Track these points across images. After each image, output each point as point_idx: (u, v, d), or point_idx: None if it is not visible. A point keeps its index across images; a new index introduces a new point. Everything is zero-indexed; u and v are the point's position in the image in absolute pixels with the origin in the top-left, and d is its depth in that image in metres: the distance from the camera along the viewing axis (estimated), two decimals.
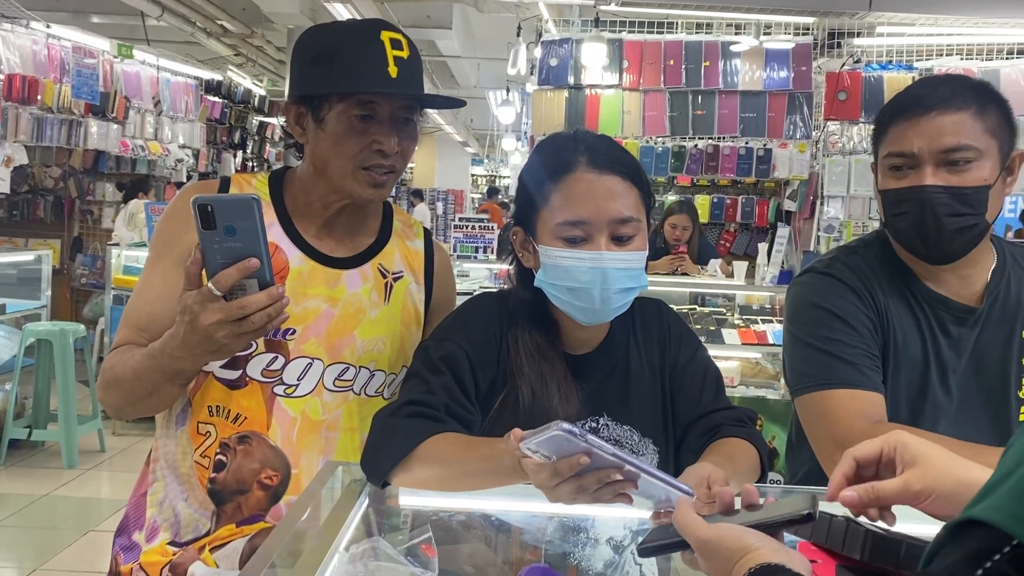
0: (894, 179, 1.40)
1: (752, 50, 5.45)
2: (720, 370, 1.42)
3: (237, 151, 11.59)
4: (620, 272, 1.25)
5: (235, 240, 1.16)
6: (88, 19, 8.48)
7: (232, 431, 1.42)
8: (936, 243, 1.38)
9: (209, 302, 1.18)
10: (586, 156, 1.27)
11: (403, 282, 1.54)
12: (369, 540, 1.08)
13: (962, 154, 1.34)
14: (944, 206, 1.35)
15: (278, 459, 1.42)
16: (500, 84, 10.43)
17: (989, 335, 1.44)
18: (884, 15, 5.17)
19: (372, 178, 1.38)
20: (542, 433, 0.92)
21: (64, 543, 4.07)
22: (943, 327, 1.44)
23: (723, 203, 6.43)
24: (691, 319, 4.33)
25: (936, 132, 1.35)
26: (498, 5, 7.04)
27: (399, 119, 1.39)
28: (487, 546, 1.34)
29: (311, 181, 1.45)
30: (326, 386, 1.45)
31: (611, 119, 5.53)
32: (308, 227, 1.46)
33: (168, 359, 1.27)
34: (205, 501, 1.42)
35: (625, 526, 1.34)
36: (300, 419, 1.43)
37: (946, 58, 5.53)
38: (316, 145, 1.40)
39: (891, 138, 1.41)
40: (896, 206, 1.40)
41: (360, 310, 1.47)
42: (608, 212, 1.24)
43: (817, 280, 1.49)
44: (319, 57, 1.38)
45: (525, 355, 1.31)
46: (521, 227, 1.34)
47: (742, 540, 0.78)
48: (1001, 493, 0.46)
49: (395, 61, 1.35)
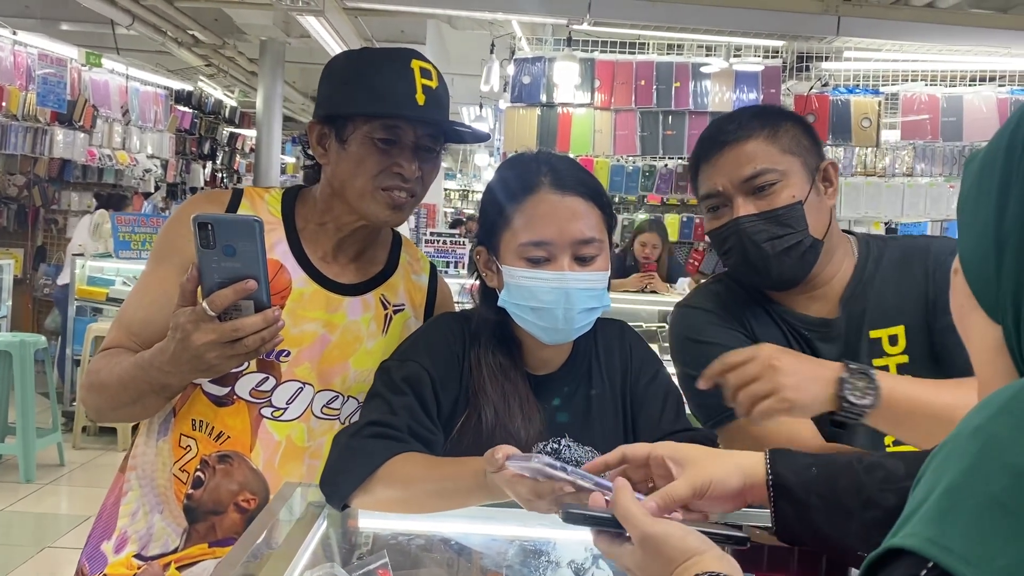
0: (714, 220, 1.41)
1: (722, 72, 5.51)
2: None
3: (207, 162, 11.50)
4: (583, 292, 1.25)
5: (234, 260, 1.14)
6: (57, 26, 8.38)
7: (214, 448, 1.39)
8: (766, 269, 1.37)
9: (203, 321, 1.16)
10: (549, 177, 1.28)
11: (403, 315, 1.52)
12: (324, 566, 1.06)
13: (763, 178, 1.34)
14: (761, 232, 1.35)
15: (258, 482, 1.40)
16: (473, 100, 10.44)
17: (850, 344, 1.41)
18: (851, 40, 5.26)
19: (391, 199, 1.37)
20: (523, 461, 0.95)
21: (20, 559, 3.97)
22: (809, 344, 1.42)
23: (692, 222, 6.48)
24: (660, 337, 4.35)
25: (733, 165, 1.36)
26: (472, 22, 7.06)
27: (422, 147, 1.39)
28: (447, 570, 1.33)
29: (327, 202, 1.44)
30: (314, 412, 1.43)
31: (582, 137, 5.56)
32: (316, 249, 1.45)
33: (156, 372, 1.25)
34: (179, 516, 1.39)
35: (587, 548, 1.33)
36: (284, 443, 1.41)
37: (911, 83, 5.63)
38: (337, 166, 1.39)
39: (700, 183, 1.43)
40: (722, 244, 1.41)
41: (357, 339, 1.46)
42: (571, 233, 1.25)
43: (685, 314, 1.50)
44: (349, 79, 1.39)
45: (488, 375, 1.31)
46: (485, 247, 1.34)
47: (686, 542, 0.78)
48: (916, 521, 0.49)
49: (423, 89, 1.36)
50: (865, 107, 5.45)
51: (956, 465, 0.49)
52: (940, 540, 0.47)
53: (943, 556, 0.46)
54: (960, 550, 0.45)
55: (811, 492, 0.87)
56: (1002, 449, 0.48)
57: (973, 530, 0.46)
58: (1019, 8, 5.47)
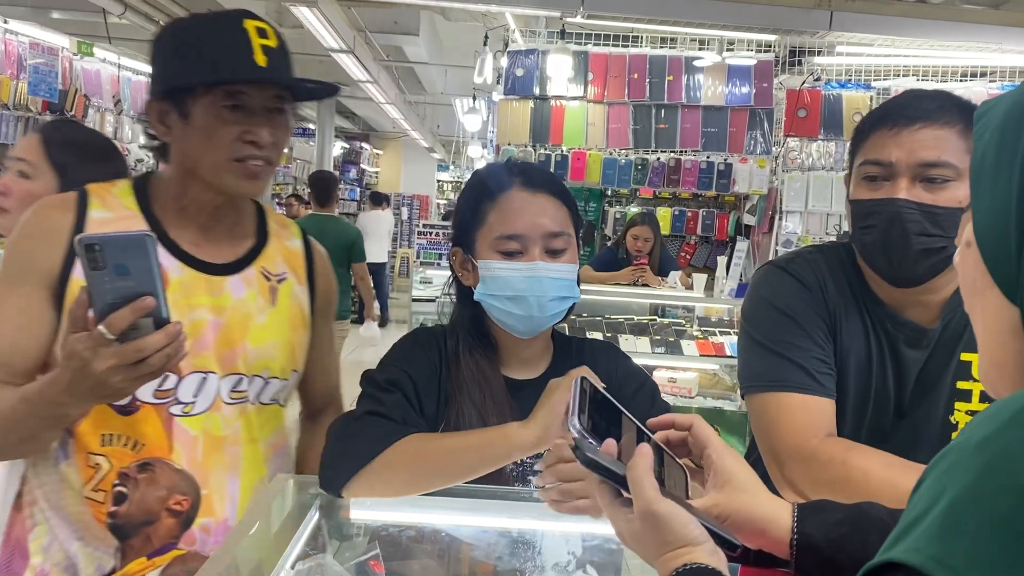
0: (866, 189, 1.34)
1: (715, 66, 5.52)
2: (678, 384, 1.45)
3: None
4: (554, 281, 1.32)
5: (127, 279, 1.08)
6: (48, 15, 8.33)
7: (131, 459, 1.32)
8: (900, 262, 1.31)
9: (101, 346, 1.09)
10: (520, 178, 1.36)
11: (287, 284, 1.48)
12: (316, 557, 1.07)
13: (940, 171, 1.28)
14: (914, 223, 1.28)
15: (186, 482, 1.35)
16: (467, 92, 10.42)
17: (937, 358, 1.38)
18: (844, 35, 5.27)
19: (247, 169, 1.32)
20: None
21: None
22: (893, 346, 1.39)
23: (684, 216, 6.50)
24: (651, 330, 4.37)
25: (917, 145, 1.28)
26: (465, 14, 7.04)
27: (270, 109, 1.33)
28: (438, 561, 1.34)
29: (181, 184, 1.37)
30: (224, 399, 1.38)
31: (575, 130, 5.57)
32: (183, 235, 1.38)
33: (49, 406, 1.18)
34: (106, 537, 1.33)
35: (571, 541, 1.35)
36: (203, 437, 1.36)
37: (903, 78, 5.65)
38: (184, 142, 1.33)
39: (869, 146, 1.34)
40: (864, 218, 1.33)
41: (248, 316, 1.41)
42: (542, 226, 1.33)
43: (774, 276, 1.45)
44: (181, 50, 1.32)
45: (467, 374, 1.35)
46: (460, 247, 1.40)
47: (687, 529, 0.75)
48: (918, 535, 0.47)
49: (262, 49, 1.30)
50: (857, 102, 5.47)
51: (961, 478, 0.47)
52: (944, 559, 0.45)
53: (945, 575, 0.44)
54: (963, 570, 0.44)
55: (841, 549, 0.81)
56: (1010, 465, 0.46)
57: (977, 550, 0.44)
58: (1010, 4, 5.49)
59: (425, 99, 13.59)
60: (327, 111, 12.95)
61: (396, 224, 15.19)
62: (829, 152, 5.47)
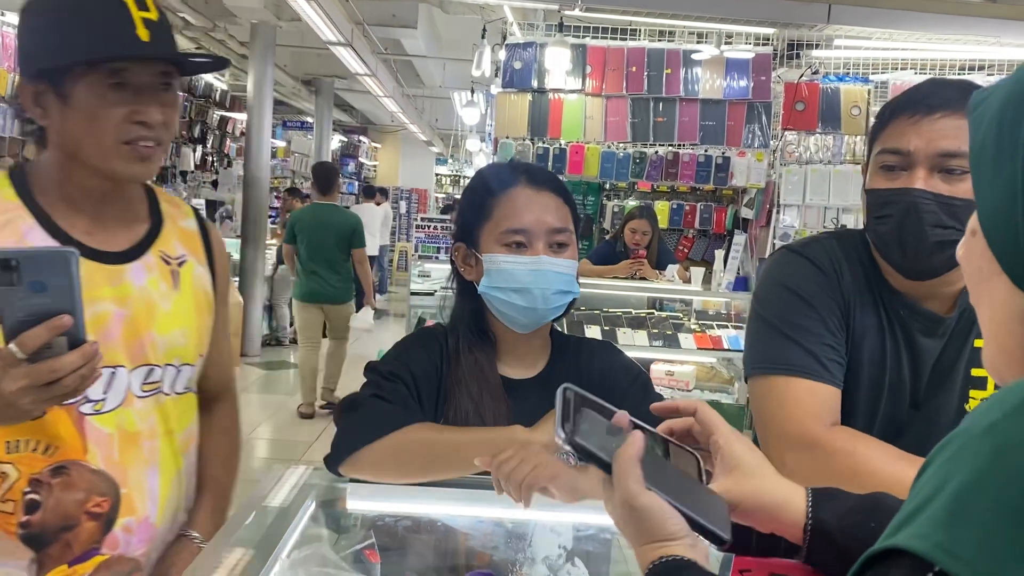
0: (883, 179, 1.31)
1: (713, 59, 5.51)
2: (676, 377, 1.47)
3: (197, 145, 11.44)
4: (557, 275, 1.37)
5: (43, 296, 1.02)
6: None
7: (43, 464, 1.24)
8: (915, 253, 1.28)
9: (11, 367, 1.03)
10: (524, 176, 1.42)
11: (188, 266, 1.41)
12: (311, 546, 1.08)
13: (960, 161, 1.24)
14: (930, 214, 1.25)
15: (104, 483, 1.28)
16: (465, 85, 10.41)
17: (953, 346, 1.36)
18: (842, 28, 5.27)
19: (137, 152, 1.24)
20: None
21: None
22: (909, 336, 1.36)
23: (682, 209, 6.50)
24: (648, 323, 4.38)
25: (937, 134, 1.25)
26: (463, 7, 7.04)
27: (157, 86, 1.25)
28: (434, 551, 1.35)
29: (62, 170, 1.28)
30: (135, 393, 1.32)
31: (573, 124, 5.56)
32: (74, 224, 1.29)
33: None
34: (18, 550, 1.23)
35: (564, 531, 1.36)
36: (117, 434, 1.29)
37: (900, 72, 5.64)
38: (64, 126, 1.23)
39: (888, 134, 1.31)
40: (880, 208, 1.31)
41: (152, 304, 1.34)
42: (546, 222, 1.38)
43: (790, 259, 1.42)
44: (56, 25, 1.21)
45: (466, 368, 1.38)
46: (464, 242, 1.44)
47: (664, 524, 0.76)
48: (923, 521, 0.47)
49: (144, 23, 1.21)
50: (855, 95, 5.46)
51: (968, 464, 0.47)
52: (950, 546, 0.44)
53: (951, 564, 0.44)
54: (970, 559, 0.43)
55: (855, 537, 0.80)
56: (1018, 452, 0.45)
57: (985, 538, 0.43)
58: None
59: (423, 92, 13.58)
60: (325, 104, 12.92)
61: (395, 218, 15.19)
62: (827, 145, 5.47)
